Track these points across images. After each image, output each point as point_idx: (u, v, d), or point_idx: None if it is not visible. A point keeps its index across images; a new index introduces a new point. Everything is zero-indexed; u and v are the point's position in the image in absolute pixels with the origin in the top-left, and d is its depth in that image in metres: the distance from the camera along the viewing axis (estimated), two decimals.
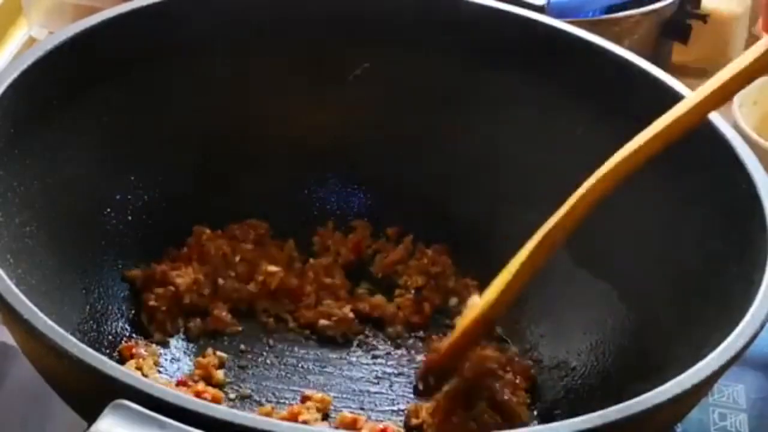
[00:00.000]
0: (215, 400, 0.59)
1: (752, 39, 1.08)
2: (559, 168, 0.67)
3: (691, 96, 0.57)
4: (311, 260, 0.70)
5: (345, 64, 0.72)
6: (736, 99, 0.84)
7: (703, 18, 0.93)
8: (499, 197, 0.71)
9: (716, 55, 1.06)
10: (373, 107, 0.73)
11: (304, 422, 0.58)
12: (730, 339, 0.49)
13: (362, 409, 0.62)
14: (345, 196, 0.74)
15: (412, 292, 0.70)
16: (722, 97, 0.55)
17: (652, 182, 0.61)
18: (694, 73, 1.01)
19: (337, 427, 0.60)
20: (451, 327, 0.62)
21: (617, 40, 0.68)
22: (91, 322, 0.62)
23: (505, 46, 0.70)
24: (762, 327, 0.50)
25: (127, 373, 0.43)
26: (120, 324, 0.64)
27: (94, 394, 0.44)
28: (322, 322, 0.67)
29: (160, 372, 0.62)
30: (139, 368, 0.61)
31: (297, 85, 0.72)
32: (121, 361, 0.61)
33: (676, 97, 0.62)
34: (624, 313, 0.64)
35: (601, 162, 0.60)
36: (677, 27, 0.92)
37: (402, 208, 0.74)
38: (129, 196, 0.68)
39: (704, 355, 0.48)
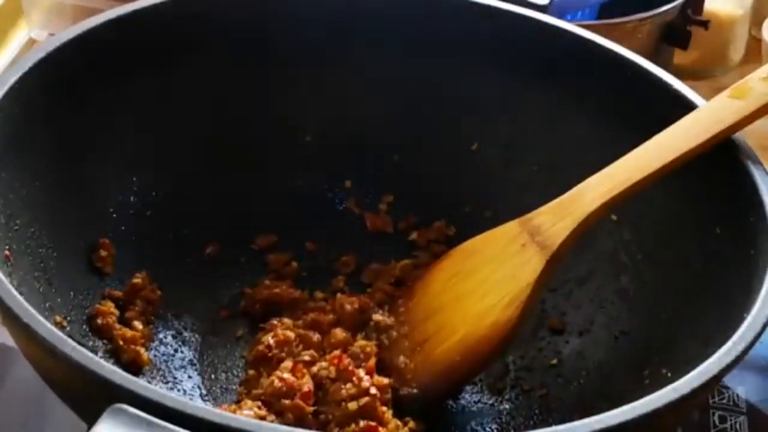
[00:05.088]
0: None
1: (752, 41, 1.08)
2: (560, 167, 0.67)
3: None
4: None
5: (345, 65, 0.72)
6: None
7: (704, 24, 0.93)
8: (501, 197, 0.71)
9: (716, 57, 1.06)
10: (372, 108, 0.73)
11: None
12: (730, 342, 0.48)
13: None
14: (344, 196, 0.75)
15: None
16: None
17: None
18: (693, 75, 1.02)
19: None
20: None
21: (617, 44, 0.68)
22: (93, 323, 0.62)
23: (505, 46, 0.70)
24: (763, 330, 0.49)
25: (125, 377, 0.43)
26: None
27: (92, 397, 0.44)
28: None
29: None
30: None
31: (297, 85, 0.72)
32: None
33: (678, 98, 0.63)
34: (624, 315, 0.64)
35: (602, 161, 0.60)
36: (677, 32, 0.92)
37: (401, 207, 0.74)
38: (131, 197, 0.68)
39: (704, 359, 0.48)
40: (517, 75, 0.70)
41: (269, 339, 0.63)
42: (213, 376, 0.64)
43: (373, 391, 0.58)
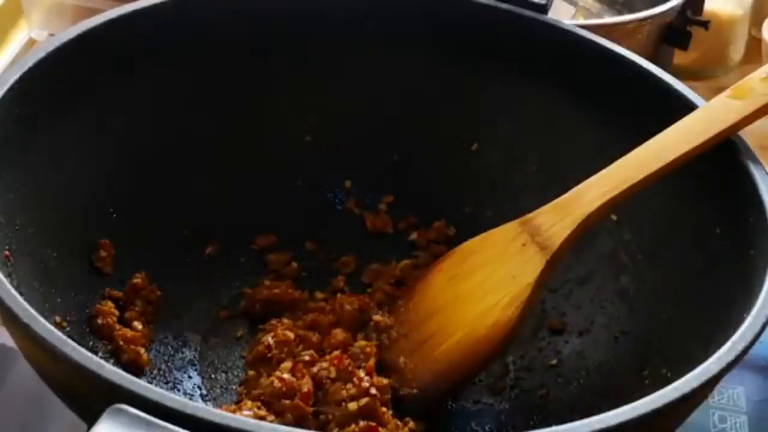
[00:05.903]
0: None
1: (752, 41, 1.08)
2: (560, 167, 0.67)
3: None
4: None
5: (346, 66, 0.72)
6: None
7: (704, 24, 0.92)
8: (501, 197, 0.71)
9: (716, 57, 1.06)
10: (372, 108, 0.73)
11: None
12: (730, 342, 0.48)
13: None
14: (344, 196, 0.75)
15: None
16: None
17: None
18: (693, 75, 1.02)
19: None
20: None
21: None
22: (93, 324, 0.62)
23: (505, 46, 0.70)
24: (763, 330, 0.49)
25: (125, 377, 0.43)
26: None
27: (92, 397, 0.43)
28: None
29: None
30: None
31: (297, 85, 0.72)
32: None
33: (678, 98, 0.63)
34: (624, 315, 0.64)
35: (602, 161, 0.60)
36: (677, 33, 0.91)
37: (401, 207, 0.74)
38: (131, 197, 0.67)
39: (704, 359, 0.48)
40: (517, 75, 0.70)
41: (269, 339, 0.63)
42: (213, 376, 0.64)
43: (373, 391, 0.58)
